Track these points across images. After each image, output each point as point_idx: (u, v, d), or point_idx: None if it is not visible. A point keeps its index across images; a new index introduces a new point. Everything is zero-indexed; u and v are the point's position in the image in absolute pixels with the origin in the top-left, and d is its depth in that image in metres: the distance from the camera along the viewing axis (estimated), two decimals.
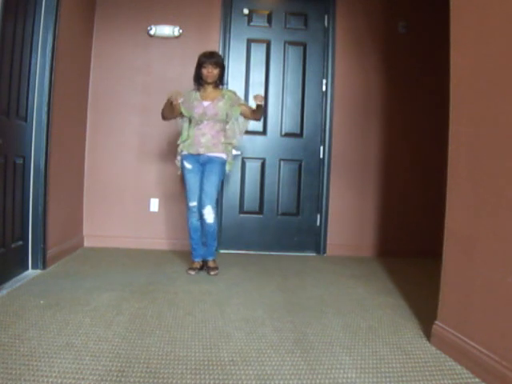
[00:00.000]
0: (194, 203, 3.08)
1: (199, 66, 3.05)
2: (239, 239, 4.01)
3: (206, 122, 3.02)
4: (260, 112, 3.08)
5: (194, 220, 3.11)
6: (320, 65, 4.04)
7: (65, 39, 3.13)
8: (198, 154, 3.04)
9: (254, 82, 4.03)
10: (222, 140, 3.06)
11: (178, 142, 3.11)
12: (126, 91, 3.91)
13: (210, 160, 3.05)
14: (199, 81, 3.08)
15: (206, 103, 3.02)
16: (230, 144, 3.11)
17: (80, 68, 3.69)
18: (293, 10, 4.03)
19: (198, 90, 3.10)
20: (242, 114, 3.11)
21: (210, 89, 3.09)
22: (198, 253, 3.15)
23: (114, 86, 3.91)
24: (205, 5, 3.93)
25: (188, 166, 3.07)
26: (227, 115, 3.06)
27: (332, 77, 4.00)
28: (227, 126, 3.10)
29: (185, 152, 3.07)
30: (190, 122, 3.06)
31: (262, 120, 3.98)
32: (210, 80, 3.04)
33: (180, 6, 3.92)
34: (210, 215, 3.03)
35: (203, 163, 3.07)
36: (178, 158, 3.12)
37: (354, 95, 4.04)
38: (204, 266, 3.17)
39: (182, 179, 3.16)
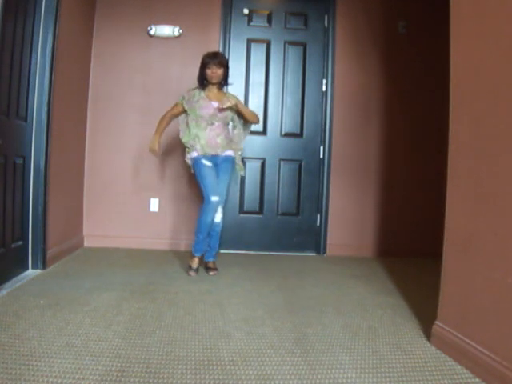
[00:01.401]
0: (216, 197, 2.95)
1: (203, 66, 3.04)
2: (239, 239, 4.01)
3: (217, 124, 3.02)
4: (250, 115, 3.09)
5: (209, 217, 2.98)
6: (320, 65, 4.05)
7: (65, 39, 3.13)
8: (216, 155, 3.05)
9: (254, 82, 4.03)
10: (231, 140, 3.12)
11: (185, 139, 3.07)
12: (126, 91, 3.91)
13: (225, 160, 3.08)
14: (203, 81, 3.08)
15: (215, 104, 3.01)
16: (240, 149, 3.18)
17: (80, 68, 3.69)
18: (293, 10, 4.03)
19: (203, 89, 3.09)
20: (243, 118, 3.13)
21: (215, 90, 3.09)
22: (201, 247, 3.09)
23: (114, 85, 3.91)
24: (205, 5, 3.93)
25: (207, 163, 3.02)
26: (233, 118, 3.11)
27: (332, 77, 4.00)
28: (235, 131, 3.16)
29: (201, 154, 3.02)
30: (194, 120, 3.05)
31: (261, 120, 4.00)
32: (214, 80, 3.04)
33: (180, 6, 3.92)
34: (219, 214, 3.06)
35: (219, 163, 3.07)
36: (188, 155, 3.09)
37: (354, 95, 4.04)
38: (203, 265, 3.16)
39: (196, 177, 3.07)
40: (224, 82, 3.13)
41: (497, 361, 1.59)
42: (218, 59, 3.03)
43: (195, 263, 3.11)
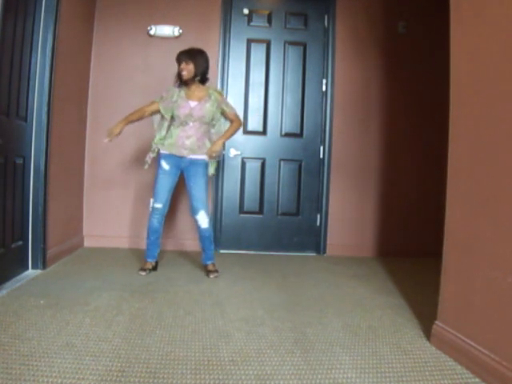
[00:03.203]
0: (159, 205, 2.96)
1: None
2: (239, 239, 4.01)
3: (191, 124, 2.92)
4: (234, 132, 3.08)
5: (155, 221, 3.00)
6: (320, 65, 4.04)
7: (65, 39, 3.13)
8: (181, 157, 2.95)
9: (253, 82, 4.03)
10: (207, 143, 3.00)
11: (155, 140, 2.98)
12: (125, 91, 3.91)
13: (193, 163, 2.96)
14: (181, 81, 2.97)
15: (192, 103, 2.92)
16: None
17: (80, 68, 3.69)
18: (293, 10, 4.03)
19: (182, 88, 3.00)
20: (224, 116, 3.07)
21: (193, 87, 2.98)
22: (152, 253, 3.07)
23: (114, 85, 3.91)
24: (205, 5, 3.93)
25: (165, 166, 2.95)
26: (213, 118, 3.00)
27: (332, 77, 4.00)
28: (212, 130, 3.05)
29: (165, 151, 2.95)
30: (171, 120, 2.97)
31: (261, 120, 4.01)
32: (184, 77, 2.92)
33: (180, 6, 3.92)
34: (204, 220, 2.98)
35: (184, 167, 2.98)
36: (151, 154, 2.98)
37: (354, 95, 4.04)
38: (203, 269, 3.15)
39: (154, 177, 3.05)
40: (200, 78, 2.97)
41: (497, 361, 1.59)
42: (185, 55, 2.91)
43: (147, 266, 3.05)
